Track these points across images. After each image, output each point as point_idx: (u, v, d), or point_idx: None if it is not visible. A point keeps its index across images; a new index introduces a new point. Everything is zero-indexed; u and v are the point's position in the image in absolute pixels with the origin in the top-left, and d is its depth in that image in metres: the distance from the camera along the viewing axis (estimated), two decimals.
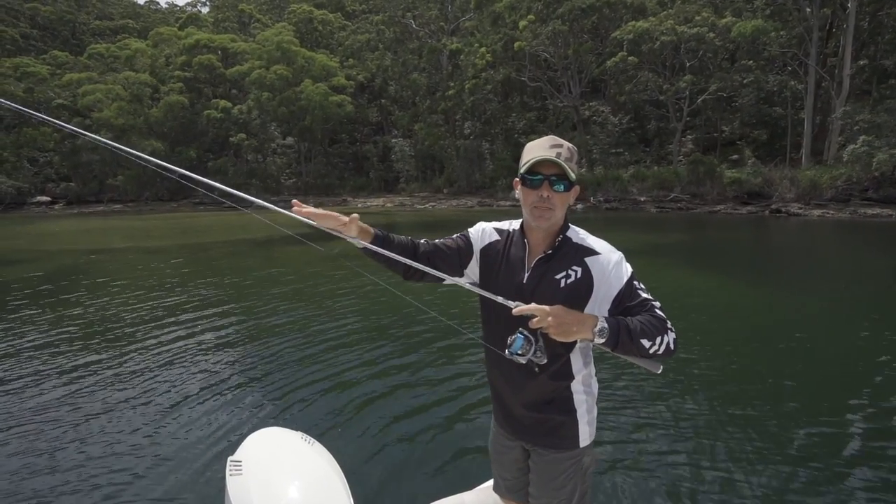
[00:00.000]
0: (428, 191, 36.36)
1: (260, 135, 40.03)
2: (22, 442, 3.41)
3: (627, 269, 1.39)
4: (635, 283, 1.39)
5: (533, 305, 1.30)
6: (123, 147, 1.79)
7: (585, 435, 1.53)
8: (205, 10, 68.49)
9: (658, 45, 26.07)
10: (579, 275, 1.39)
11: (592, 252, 1.41)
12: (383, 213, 28.60)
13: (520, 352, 1.38)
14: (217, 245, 14.82)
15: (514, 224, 1.57)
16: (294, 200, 1.46)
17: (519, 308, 1.31)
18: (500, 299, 1.38)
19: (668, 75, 27.78)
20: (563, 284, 1.40)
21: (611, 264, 1.38)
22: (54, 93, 40.36)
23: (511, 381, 1.53)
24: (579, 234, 1.46)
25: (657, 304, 1.39)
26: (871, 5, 24.21)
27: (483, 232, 1.60)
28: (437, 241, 1.58)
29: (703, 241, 14.79)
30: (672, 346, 1.35)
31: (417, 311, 6.24)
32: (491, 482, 1.89)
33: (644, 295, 1.38)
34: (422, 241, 1.58)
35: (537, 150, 1.38)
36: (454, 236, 1.61)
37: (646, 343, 1.31)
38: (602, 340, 1.30)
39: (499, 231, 1.58)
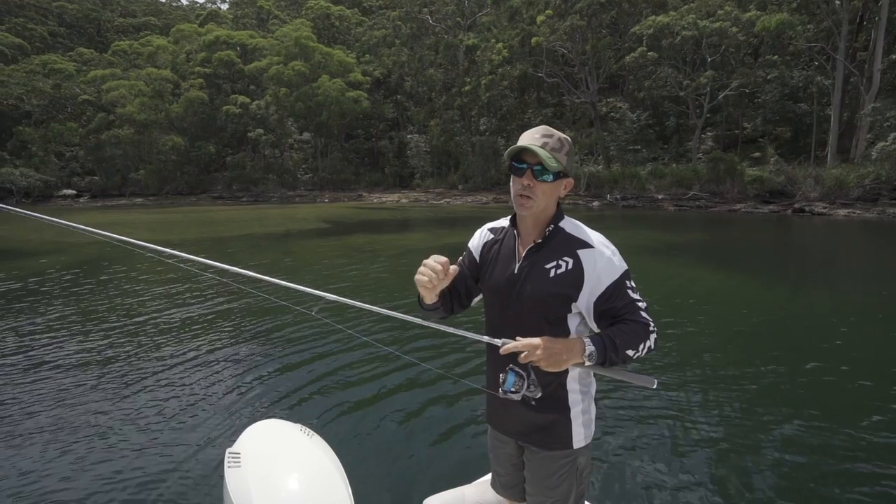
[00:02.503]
0: (443, 187, 36.27)
1: (277, 130, 40.41)
2: (15, 428, 3.42)
3: (621, 266, 1.36)
4: (627, 281, 1.36)
5: (520, 341, 1.30)
6: None
7: (580, 436, 1.49)
8: (224, 6, 69.37)
9: (679, 39, 25.48)
10: (570, 266, 1.37)
11: (586, 244, 1.38)
12: (398, 208, 28.61)
13: (513, 389, 1.36)
14: (235, 238, 15.05)
15: (508, 219, 1.57)
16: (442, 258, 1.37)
17: (505, 347, 1.31)
18: (485, 339, 1.38)
19: (689, 71, 27.14)
20: (552, 274, 1.38)
21: (603, 258, 1.36)
22: (80, 89, 41.47)
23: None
24: (574, 226, 1.43)
25: (643, 304, 1.37)
26: None
27: (480, 236, 1.61)
28: None
29: (724, 241, 14.45)
30: (653, 346, 1.35)
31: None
32: (491, 476, 1.88)
33: (633, 296, 1.36)
34: None
35: (526, 138, 1.37)
36: (461, 256, 1.63)
37: (630, 353, 1.31)
38: (592, 363, 1.30)
39: (493, 230, 1.59)
